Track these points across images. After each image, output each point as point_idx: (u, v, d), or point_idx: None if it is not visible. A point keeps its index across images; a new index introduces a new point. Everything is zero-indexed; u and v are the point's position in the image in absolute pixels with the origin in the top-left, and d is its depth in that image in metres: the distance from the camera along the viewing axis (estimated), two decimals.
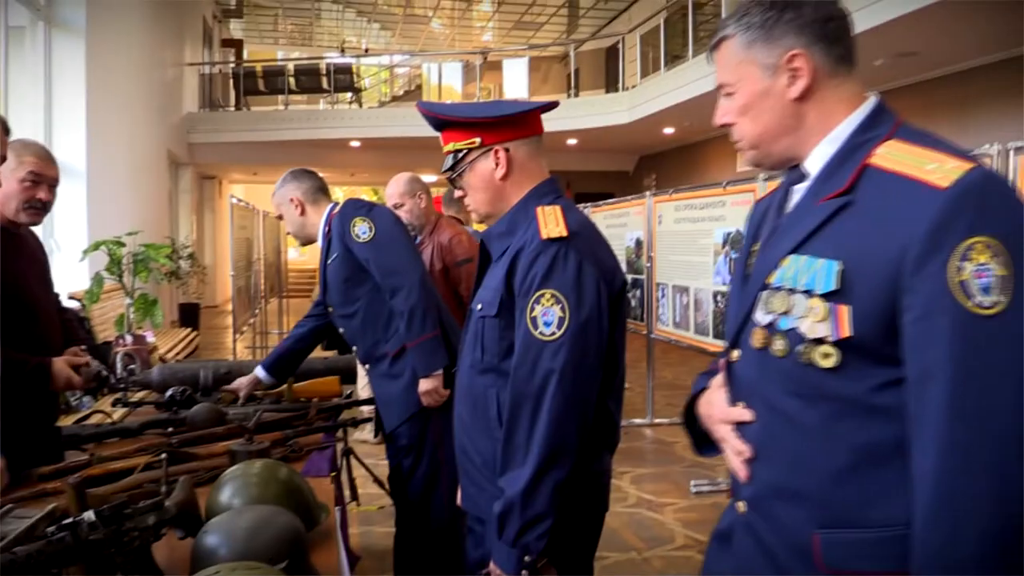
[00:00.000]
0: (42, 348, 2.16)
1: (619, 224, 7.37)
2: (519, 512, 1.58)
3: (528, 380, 1.59)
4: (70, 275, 6.98)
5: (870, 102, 1.20)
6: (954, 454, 0.99)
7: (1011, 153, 3.05)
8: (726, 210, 5.33)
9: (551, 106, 1.80)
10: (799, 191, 1.21)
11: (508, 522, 1.59)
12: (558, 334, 1.58)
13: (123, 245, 6.46)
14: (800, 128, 1.19)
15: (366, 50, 21.24)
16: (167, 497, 1.50)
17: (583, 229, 1.69)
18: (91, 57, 7.68)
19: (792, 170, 1.24)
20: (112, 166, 8.59)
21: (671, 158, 15.61)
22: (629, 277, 6.99)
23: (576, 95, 14.38)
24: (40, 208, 2.24)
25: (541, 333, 1.59)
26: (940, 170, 1.03)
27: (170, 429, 2.40)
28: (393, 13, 19.58)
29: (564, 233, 1.63)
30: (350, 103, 16.27)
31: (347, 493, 3.21)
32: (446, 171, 1.81)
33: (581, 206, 7.75)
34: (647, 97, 12.18)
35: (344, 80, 15.96)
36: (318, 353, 3.29)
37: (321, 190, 2.94)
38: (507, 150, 1.74)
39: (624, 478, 4.98)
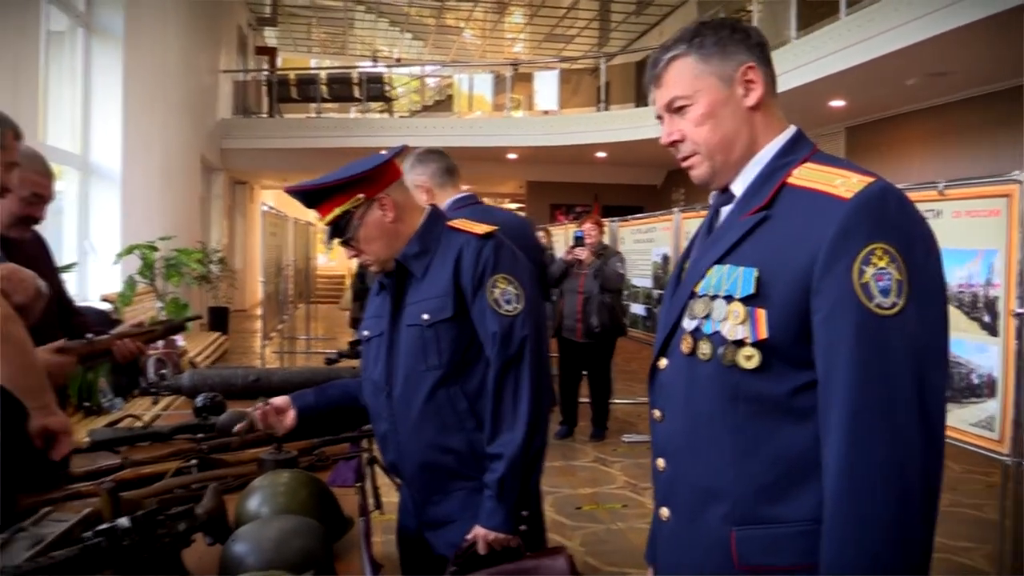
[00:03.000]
0: None
1: (646, 240, 7.36)
2: (519, 470, 1.81)
3: (508, 349, 1.84)
4: (104, 278, 7.11)
5: (791, 130, 1.30)
6: (857, 444, 1.07)
7: None
8: None
9: (404, 150, 2.05)
10: (726, 211, 1.31)
11: (509, 483, 1.81)
12: (519, 308, 1.86)
13: (156, 249, 6.56)
14: (751, 138, 1.28)
15: (398, 60, 21.41)
16: (197, 504, 1.53)
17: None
18: (128, 63, 7.83)
19: (721, 193, 1.33)
20: (146, 171, 8.73)
21: None
22: (655, 292, 6.99)
23: (606, 108, 14.38)
24: (33, 223, 2.27)
25: (506, 311, 1.85)
26: (845, 184, 1.13)
27: (200, 435, 2.44)
28: (426, 23, 19.73)
29: (490, 230, 1.94)
30: (381, 112, 16.40)
31: (371, 502, 3.24)
32: (336, 237, 1.92)
33: (608, 220, 7.75)
34: None
35: (376, 89, 16.10)
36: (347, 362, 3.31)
37: (448, 172, 2.85)
38: (389, 195, 1.91)
39: (646, 494, 4.97)
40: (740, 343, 1.16)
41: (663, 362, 1.31)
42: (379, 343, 2.00)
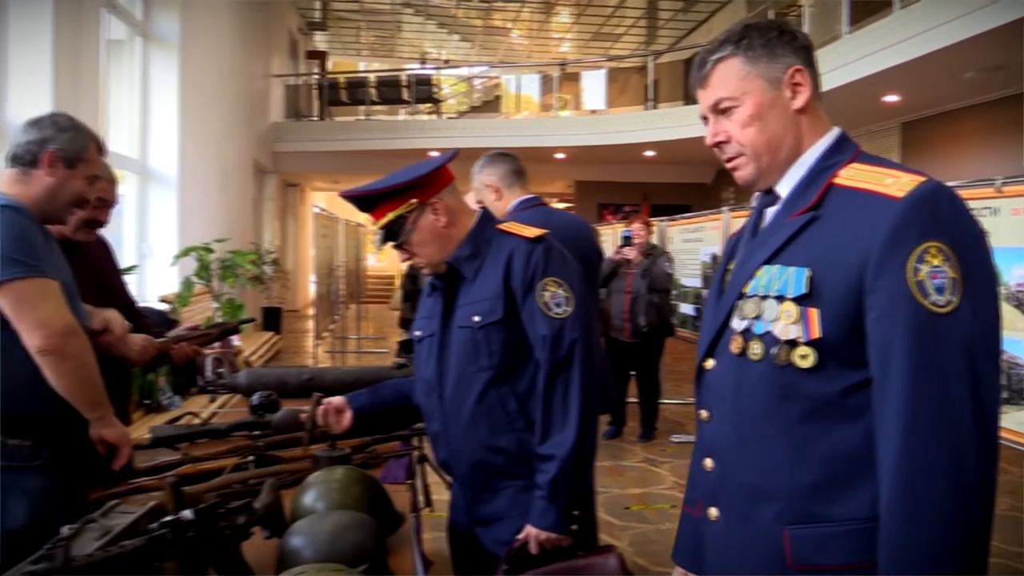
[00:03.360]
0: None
1: (695, 239, 7.32)
2: (570, 471, 1.83)
3: (558, 352, 1.87)
4: (162, 279, 7.29)
5: (835, 131, 1.30)
6: (914, 441, 1.07)
7: None
8: None
9: (455, 155, 2.06)
10: (771, 212, 1.31)
11: (561, 483, 1.83)
12: (569, 311, 1.88)
13: (212, 251, 6.70)
14: (796, 140, 1.28)
15: (446, 61, 21.54)
16: (255, 499, 1.58)
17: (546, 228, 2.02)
18: (184, 69, 8.01)
19: (764, 195, 1.33)
20: (202, 174, 8.93)
21: None
22: (704, 292, 6.94)
23: (655, 106, 14.30)
24: (98, 227, 2.36)
25: (556, 314, 1.88)
26: (896, 183, 1.14)
27: (256, 432, 2.50)
28: (473, 25, 19.81)
29: (540, 233, 1.97)
30: (429, 114, 16.52)
31: (421, 499, 3.29)
32: (389, 241, 1.97)
33: (657, 219, 7.71)
34: None
35: (424, 91, 16.22)
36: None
37: (516, 174, 2.95)
38: (441, 200, 1.95)
39: None
40: (793, 343, 1.16)
41: (710, 362, 1.32)
42: (431, 343, 2.04)
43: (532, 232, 1.98)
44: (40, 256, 1.88)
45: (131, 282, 5.10)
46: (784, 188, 1.29)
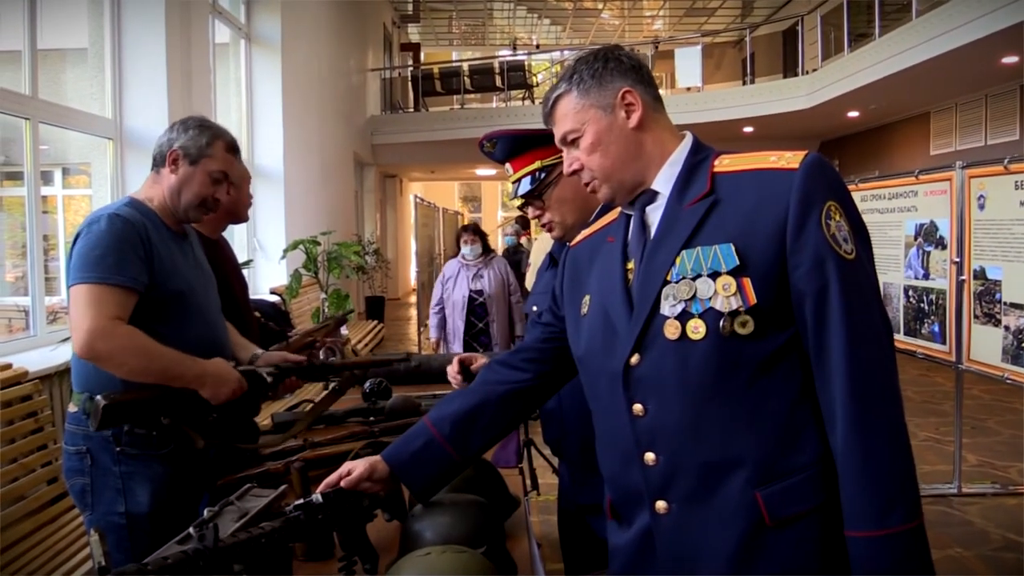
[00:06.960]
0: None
1: None
2: None
3: None
4: (272, 272, 7.57)
5: (690, 136, 1.41)
6: (859, 357, 1.21)
7: None
8: (918, 200, 5.04)
9: None
10: (656, 208, 1.38)
11: None
12: None
13: (318, 244, 6.91)
14: (642, 155, 1.37)
15: (537, 46, 21.52)
16: None
17: None
18: (285, 69, 8.27)
19: (633, 202, 1.40)
20: (305, 169, 9.21)
21: (856, 143, 14.85)
22: None
23: (752, 81, 13.94)
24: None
25: None
26: (783, 159, 1.28)
27: (371, 418, 2.59)
28: (563, 8, 19.73)
29: None
30: (522, 100, 16.55)
31: (527, 483, 3.33)
32: (528, 193, 1.95)
33: None
34: (829, 80, 11.63)
35: (516, 77, 16.24)
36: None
37: None
38: None
39: None
40: (735, 313, 1.24)
41: (635, 358, 1.31)
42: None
43: None
44: (119, 266, 1.89)
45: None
46: (663, 185, 1.37)
